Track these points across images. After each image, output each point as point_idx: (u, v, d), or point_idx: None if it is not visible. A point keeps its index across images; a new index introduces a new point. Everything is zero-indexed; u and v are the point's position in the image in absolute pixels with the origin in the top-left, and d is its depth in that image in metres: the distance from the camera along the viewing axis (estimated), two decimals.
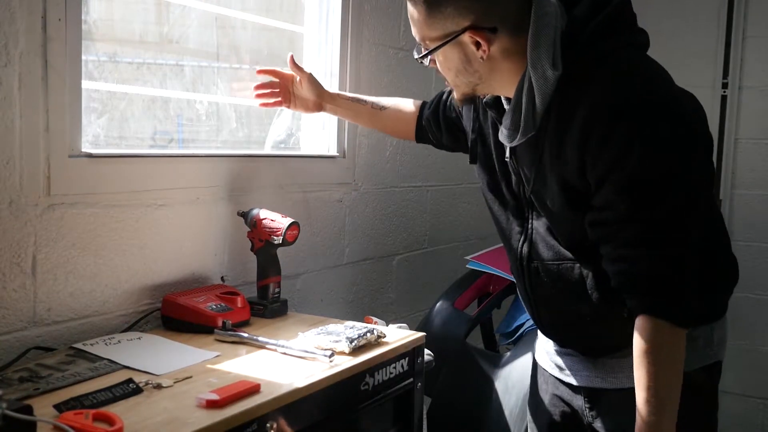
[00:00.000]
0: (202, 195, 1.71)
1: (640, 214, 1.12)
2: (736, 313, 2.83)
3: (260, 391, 1.17)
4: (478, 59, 1.20)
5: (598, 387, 1.35)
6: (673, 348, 1.15)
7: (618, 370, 1.31)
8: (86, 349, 1.36)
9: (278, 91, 1.79)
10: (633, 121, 1.11)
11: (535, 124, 1.19)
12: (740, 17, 2.86)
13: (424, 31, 1.21)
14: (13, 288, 1.34)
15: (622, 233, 1.14)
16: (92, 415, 1.02)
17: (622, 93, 1.12)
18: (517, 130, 1.21)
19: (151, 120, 1.76)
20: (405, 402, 1.52)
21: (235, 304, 1.59)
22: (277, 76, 1.78)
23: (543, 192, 1.25)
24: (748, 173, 2.91)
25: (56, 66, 1.36)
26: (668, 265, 1.12)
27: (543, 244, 1.30)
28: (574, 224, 1.23)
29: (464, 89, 1.27)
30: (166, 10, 1.78)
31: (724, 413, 1.43)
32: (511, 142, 1.23)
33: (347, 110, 1.81)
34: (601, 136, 1.12)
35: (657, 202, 1.12)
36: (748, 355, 2.90)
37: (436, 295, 2.30)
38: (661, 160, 1.11)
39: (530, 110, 1.18)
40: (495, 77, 1.23)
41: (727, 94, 2.90)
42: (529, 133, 1.20)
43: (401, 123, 1.76)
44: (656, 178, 1.11)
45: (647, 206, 1.12)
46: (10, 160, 1.31)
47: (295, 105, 1.80)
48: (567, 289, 1.28)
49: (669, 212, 1.12)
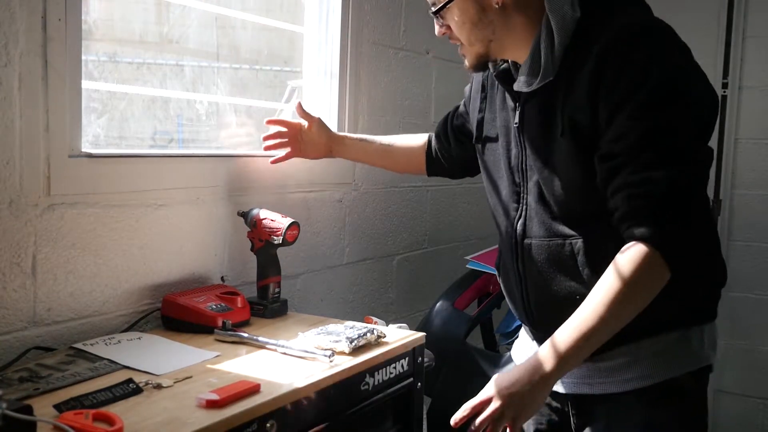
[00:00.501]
0: (202, 195, 1.71)
1: (656, 138, 1.13)
2: (736, 313, 2.86)
3: (260, 391, 1.17)
4: (493, 6, 1.24)
5: (584, 393, 1.33)
6: (647, 288, 1.14)
7: (605, 375, 1.29)
8: (86, 349, 1.36)
9: (287, 141, 1.77)
10: (649, 47, 1.14)
11: (554, 67, 1.21)
12: (740, 17, 2.86)
13: None
14: (13, 288, 1.34)
15: (639, 159, 1.13)
16: (92, 415, 1.02)
17: (638, 24, 1.17)
18: (535, 75, 1.22)
19: (151, 120, 1.76)
20: (405, 402, 1.52)
21: (235, 304, 1.59)
22: (285, 125, 1.77)
23: (548, 153, 1.25)
24: (748, 173, 2.91)
25: (56, 66, 1.36)
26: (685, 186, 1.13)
27: (537, 220, 1.30)
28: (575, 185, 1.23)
29: (478, 48, 1.29)
30: (166, 10, 1.78)
31: (724, 413, 1.43)
32: (529, 86, 1.24)
33: (357, 150, 1.80)
34: (617, 65, 1.14)
35: (673, 127, 1.13)
36: (748, 355, 2.90)
37: (436, 295, 2.30)
38: (677, 85, 1.14)
39: (549, 54, 1.20)
40: (509, 32, 1.26)
41: (727, 94, 2.90)
42: (548, 77, 1.21)
43: (412, 157, 1.76)
44: (672, 102, 1.13)
45: (663, 131, 1.13)
46: (10, 160, 1.31)
47: (305, 153, 1.80)
48: (558, 266, 1.27)
49: (684, 137, 1.13)
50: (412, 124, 2.41)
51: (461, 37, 1.30)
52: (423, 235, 2.61)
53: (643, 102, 1.13)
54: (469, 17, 1.25)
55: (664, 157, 1.13)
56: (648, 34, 1.16)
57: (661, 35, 1.17)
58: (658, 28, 1.19)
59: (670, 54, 1.16)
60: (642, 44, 1.15)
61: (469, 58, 1.32)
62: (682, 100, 1.14)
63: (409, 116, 2.43)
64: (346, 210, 2.21)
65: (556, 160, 1.24)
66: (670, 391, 1.26)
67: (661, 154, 1.13)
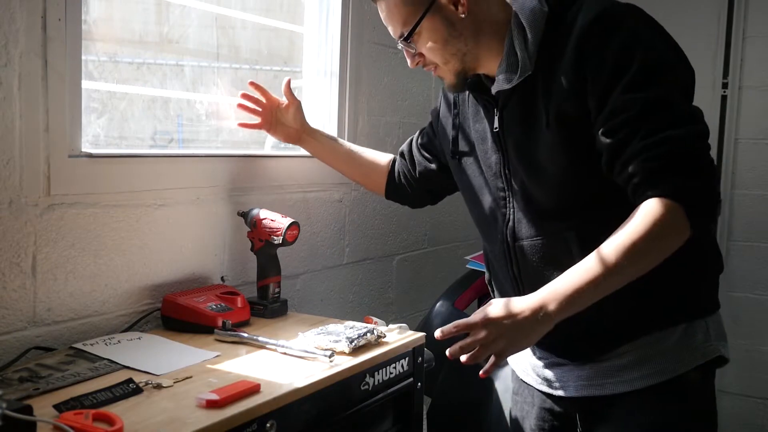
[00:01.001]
0: (202, 195, 1.71)
1: (657, 107, 1.14)
2: (736, 313, 2.86)
3: (260, 391, 1.17)
4: (460, 18, 1.25)
5: (590, 395, 1.31)
6: (665, 243, 1.12)
7: (611, 375, 1.29)
8: (86, 349, 1.36)
9: (261, 110, 1.75)
10: (625, 29, 1.17)
11: (531, 62, 1.22)
12: (740, 17, 2.86)
13: (402, 12, 1.25)
14: (13, 288, 1.34)
15: (647, 125, 1.13)
16: (92, 415, 1.02)
17: (609, 9, 1.20)
18: (514, 71, 1.23)
19: (151, 120, 1.76)
20: (405, 402, 1.52)
21: (235, 304, 1.59)
22: (265, 96, 1.75)
23: (534, 149, 1.26)
24: (748, 173, 2.91)
25: (56, 66, 1.36)
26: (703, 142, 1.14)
27: (526, 220, 1.30)
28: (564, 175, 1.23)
29: (455, 64, 1.29)
30: (166, 10, 1.78)
31: (724, 413, 1.43)
32: (510, 83, 1.25)
33: (324, 147, 1.78)
34: (598, 50, 1.17)
35: (669, 96, 1.15)
36: (748, 355, 2.90)
37: (436, 295, 2.30)
38: (660, 58, 1.17)
39: (524, 50, 1.22)
40: (480, 41, 1.27)
41: (727, 94, 2.90)
42: (527, 71, 1.22)
43: (374, 173, 1.75)
44: (660, 75, 1.15)
45: (662, 100, 1.14)
46: (10, 160, 1.31)
47: (275, 131, 1.77)
48: (554, 263, 1.26)
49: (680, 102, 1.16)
50: (412, 124, 2.41)
51: (435, 58, 1.30)
52: (423, 235, 2.61)
53: (635, 79, 1.15)
54: (440, 35, 1.26)
55: (673, 119, 1.13)
56: (621, 17, 1.19)
57: (633, 16, 1.20)
58: (628, 9, 1.22)
59: (645, 31, 1.19)
60: (618, 27, 1.17)
61: (449, 77, 1.32)
62: (670, 71, 1.17)
63: (409, 116, 2.43)
64: (346, 210, 2.21)
65: (542, 154, 1.24)
66: (678, 388, 1.25)
67: (667, 118, 1.14)
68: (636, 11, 1.22)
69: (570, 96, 1.19)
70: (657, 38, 1.20)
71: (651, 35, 1.19)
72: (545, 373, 1.39)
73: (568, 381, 1.35)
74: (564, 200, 1.25)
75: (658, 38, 1.20)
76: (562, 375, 1.36)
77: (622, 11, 1.20)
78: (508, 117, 1.28)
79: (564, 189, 1.24)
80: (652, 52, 1.16)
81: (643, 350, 1.26)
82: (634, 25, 1.18)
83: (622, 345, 1.26)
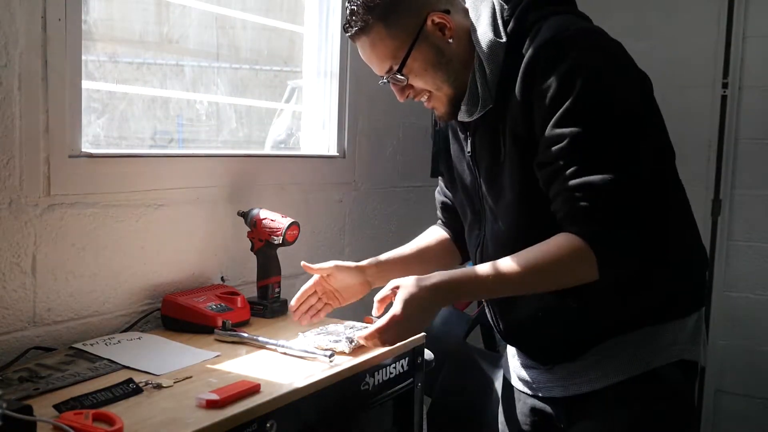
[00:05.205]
0: (202, 195, 1.71)
1: (588, 144, 1.13)
2: (736, 313, 2.85)
3: (260, 391, 1.17)
4: (447, 44, 1.24)
5: (559, 396, 1.33)
6: (567, 277, 1.16)
7: (575, 375, 1.30)
8: (86, 349, 1.36)
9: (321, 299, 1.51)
10: (570, 57, 1.15)
11: (491, 95, 1.23)
12: (740, 17, 2.86)
13: (388, 46, 1.24)
14: (13, 288, 1.34)
15: (573, 164, 1.13)
16: (92, 415, 1.02)
17: (557, 36, 1.17)
18: (475, 104, 1.24)
19: (151, 120, 1.76)
20: (405, 402, 1.52)
21: (235, 304, 1.59)
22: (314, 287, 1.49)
23: (500, 175, 1.26)
24: (748, 173, 2.91)
25: (56, 66, 1.36)
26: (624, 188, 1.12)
27: (491, 244, 1.32)
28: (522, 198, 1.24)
29: (447, 91, 1.28)
30: (166, 10, 1.78)
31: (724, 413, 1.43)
32: (471, 116, 1.26)
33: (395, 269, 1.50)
34: (542, 78, 1.16)
35: (604, 132, 1.13)
36: (748, 355, 2.90)
37: None
38: (601, 90, 1.14)
39: (484, 84, 1.23)
40: (466, 65, 1.26)
41: (727, 94, 2.90)
42: (487, 105, 1.23)
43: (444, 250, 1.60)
44: (598, 108, 1.14)
45: (595, 137, 1.13)
46: (10, 160, 1.31)
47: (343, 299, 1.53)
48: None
49: (617, 139, 1.13)
50: (412, 124, 2.41)
51: (427, 86, 1.29)
52: None
53: (571, 110, 1.13)
54: (430, 62, 1.25)
55: (599, 162, 1.12)
56: (568, 44, 1.16)
57: (582, 41, 1.17)
58: (579, 36, 1.18)
59: (592, 59, 1.16)
60: (564, 55, 1.15)
61: (441, 105, 1.31)
62: (611, 105, 1.14)
63: (409, 116, 2.43)
64: (346, 210, 2.21)
65: (505, 180, 1.25)
66: (652, 384, 1.25)
67: (595, 158, 1.12)
68: (589, 37, 1.19)
69: (520, 122, 1.20)
70: (603, 68, 1.16)
71: (597, 64, 1.15)
72: (523, 374, 1.41)
73: (540, 383, 1.37)
74: (520, 226, 1.26)
75: (604, 68, 1.16)
76: (536, 376, 1.38)
77: (571, 38, 1.17)
78: (479, 143, 1.30)
79: (521, 215, 1.26)
80: (593, 84, 1.13)
81: (614, 348, 1.27)
82: (580, 54, 1.15)
83: (590, 349, 1.28)
